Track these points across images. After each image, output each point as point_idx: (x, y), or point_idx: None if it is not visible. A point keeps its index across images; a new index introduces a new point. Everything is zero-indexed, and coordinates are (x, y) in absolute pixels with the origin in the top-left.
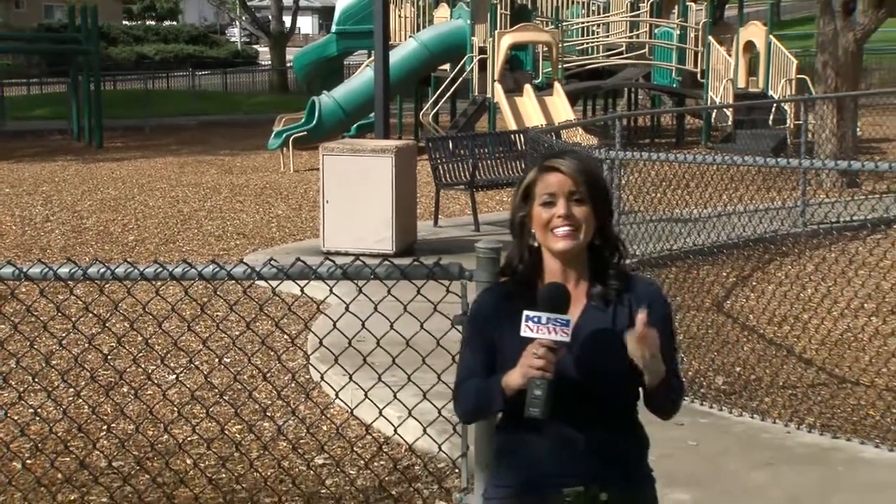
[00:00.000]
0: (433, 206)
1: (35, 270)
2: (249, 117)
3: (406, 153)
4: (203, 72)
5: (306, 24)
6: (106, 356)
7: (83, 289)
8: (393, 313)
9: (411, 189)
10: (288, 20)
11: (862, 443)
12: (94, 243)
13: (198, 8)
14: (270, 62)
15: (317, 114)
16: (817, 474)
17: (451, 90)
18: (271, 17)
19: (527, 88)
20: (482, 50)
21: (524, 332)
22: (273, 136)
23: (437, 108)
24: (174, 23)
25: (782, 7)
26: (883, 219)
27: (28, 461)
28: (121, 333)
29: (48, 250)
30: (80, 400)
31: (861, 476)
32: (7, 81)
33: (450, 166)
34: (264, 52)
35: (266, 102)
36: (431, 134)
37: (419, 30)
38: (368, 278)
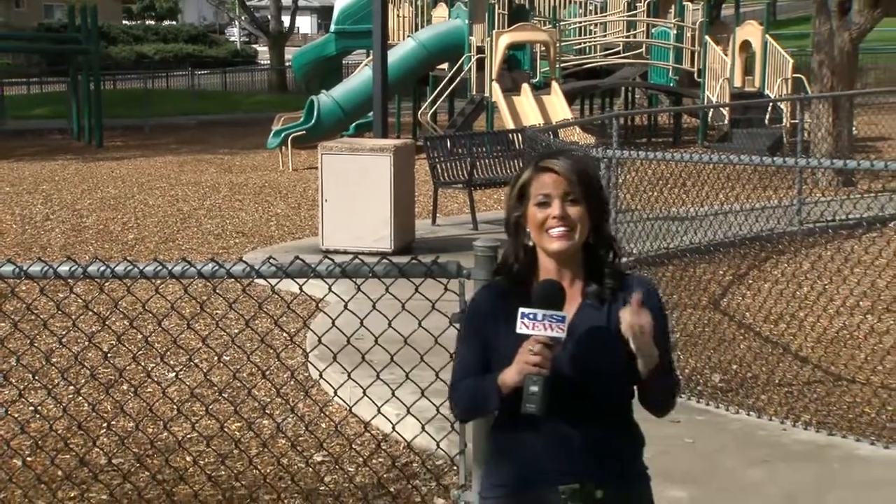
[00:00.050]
0: (431, 205)
1: (35, 269)
2: (248, 116)
3: (404, 152)
4: (202, 71)
5: (305, 24)
6: (106, 354)
7: (83, 287)
8: (391, 311)
9: (409, 188)
10: (287, 20)
11: (857, 440)
12: (94, 242)
13: (197, 8)
14: (269, 62)
15: (315, 113)
16: (813, 471)
17: (450, 89)
18: (270, 17)
19: (524, 88)
20: (480, 49)
21: (520, 329)
22: (272, 135)
23: (436, 108)
24: (173, 22)
25: (778, 7)
26: (878, 217)
27: (28, 458)
28: (120, 331)
29: (48, 249)
30: (80, 397)
31: (856, 473)
32: (7, 81)
33: (448, 165)
34: (263, 52)
35: (265, 102)
36: (430, 133)
37: (417, 29)
38: (367, 276)
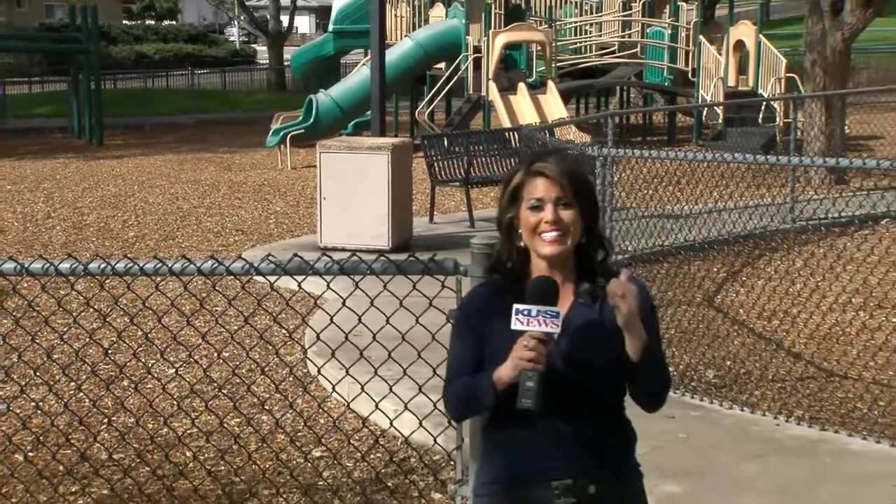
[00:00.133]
0: (429, 203)
1: (36, 266)
2: (248, 115)
3: (402, 151)
4: (202, 70)
5: (304, 24)
6: (106, 350)
7: (84, 284)
8: (389, 308)
9: (407, 186)
10: (286, 20)
11: (849, 435)
12: (95, 239)
13: (197, 7)
14: (268, 61)
15: (314, 112)
16: (806, 466)
17: (447, 89)
18: (269, 17)
19: (521, 87)
20: (477, 49)
21: (514, 326)
22: (271, 134)
23: (433, 107)
24: (173, 22)
25: (772, 7)
26: (870, 215)
27: (30, 454)
28: (121, 328)
29: (49, 246)
30: (81, 393)
31: (848, 468)
32: (9, 80)
33: (445, 163)
34: (262, 52)
35: (264, 101)
36: (427, 132)
37: (415, 29)
38: (365, 274)
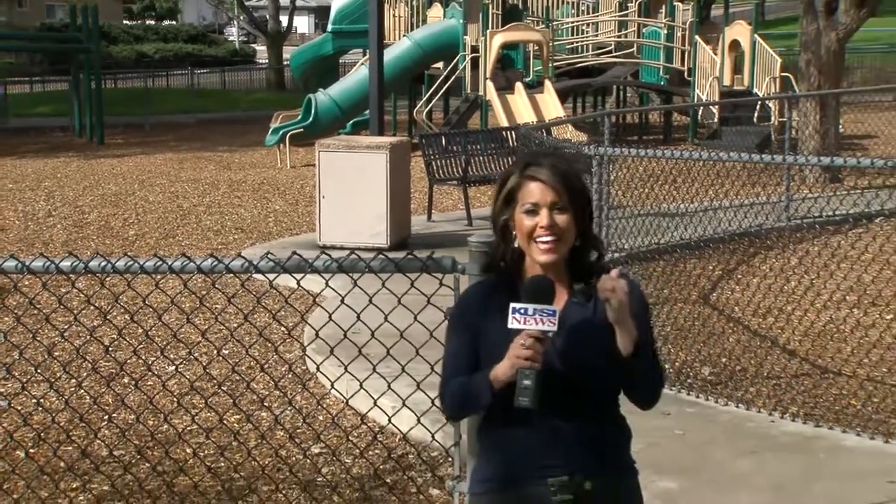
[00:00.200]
0: (427, 202)
1: (37, 264)
2: (247, 114)
3: (400, 150)
4: (202, 70)
5: (303, 24)
6: (107, 348)
7: (84, 282)
8: (387, 306)
9: (405, 185)
10: (285, 20)
11: (844, 431)
12: (96, 238)
13: (196, 7)
14: (268, 61)
15: (313, 111)
16: (801, 462)
17: (445, 88)
18: (269, 17)
19: (518, 86)
20: (474, 49)
21: (511, 324)
22: (270, 133)
23: (431, 106)
24: (173, 22)
25: (767, 7)
26: (864, 213)
27: (31, 450)
28: (121, 326)
29: (50, 244)
30: (82, 390)
31: (843, 464)
32: (10, 79)
33: (443, 162)
34: (262, 51)
35: (263, 100)
36: (425, 131)
37: (413, 29)
38: (363, 272)
